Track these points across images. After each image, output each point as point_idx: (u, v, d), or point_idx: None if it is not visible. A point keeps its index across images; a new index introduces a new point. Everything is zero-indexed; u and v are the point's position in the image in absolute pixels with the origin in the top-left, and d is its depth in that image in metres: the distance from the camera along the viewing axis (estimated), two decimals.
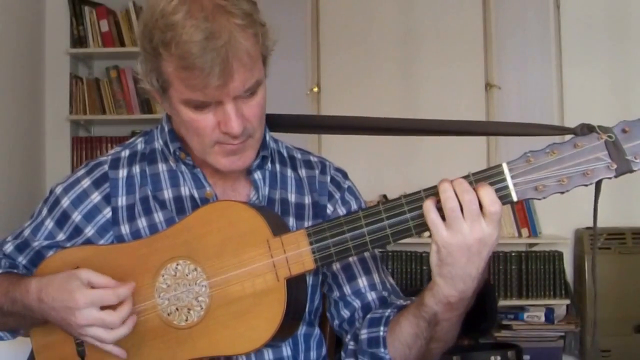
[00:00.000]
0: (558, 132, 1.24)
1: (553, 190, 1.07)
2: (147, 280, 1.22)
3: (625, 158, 1.05)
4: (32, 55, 3.96)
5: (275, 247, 1.17)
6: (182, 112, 1.22)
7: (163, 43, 1.16)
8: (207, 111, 1.20)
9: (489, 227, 1.07)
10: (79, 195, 1.35)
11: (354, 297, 1.36)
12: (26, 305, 1.22)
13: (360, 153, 3.86)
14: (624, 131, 1.06)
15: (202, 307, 1.18)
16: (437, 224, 1.08)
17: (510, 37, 4.08)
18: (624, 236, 3.82)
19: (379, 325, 1.27)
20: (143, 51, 1.23)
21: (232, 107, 1.19)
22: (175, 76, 1.18)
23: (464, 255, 1.08)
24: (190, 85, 1.16)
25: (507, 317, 3.81)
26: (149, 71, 1.23)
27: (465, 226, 1.07)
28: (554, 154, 1.07)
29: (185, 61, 1.13)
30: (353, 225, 1.14)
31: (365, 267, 1.37)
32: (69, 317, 1.16)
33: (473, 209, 1.06)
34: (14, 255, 1.37)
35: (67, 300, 1.16)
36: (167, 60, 1.17)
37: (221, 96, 1.17)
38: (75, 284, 1.16)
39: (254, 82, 1.20)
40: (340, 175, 1.46)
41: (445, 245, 1.08)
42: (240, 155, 1.26)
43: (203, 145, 1.25)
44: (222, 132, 1.21)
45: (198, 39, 1.12)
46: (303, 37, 4.11)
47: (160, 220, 1.32)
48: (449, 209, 1.07)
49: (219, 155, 1.26)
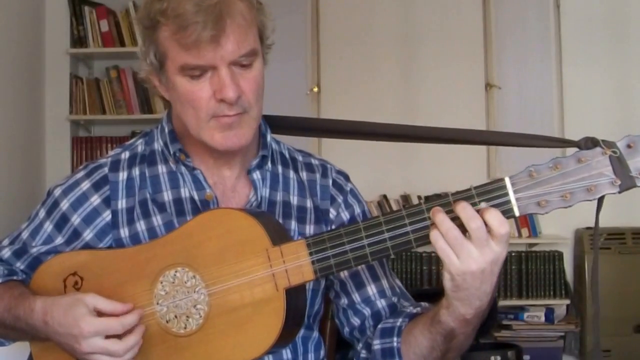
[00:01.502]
0: (562, 145, 1.22)
1: (556, 205, 1.06)
2: (146, 287, 1.21)
3: (629, 174, 1.04)
4: (32, 55, 3.95)
5: (275, 257, 1.16)
6: (178, 84, 1.23)
7: (160, 11, 1.20)
8: (202, 80, 1.22)
9: (498, 247, 1.07)
10: (79, 197, 1.34)
11: (364, 305, 1.36)
12: (30, 324, 1.22)
13: (361, 153, 3.85)
14: (628, 146, 1.04)
15: (201, 315, 1.18)
16: (448, 254, 1.07)
17: (510, 37, 4.08)
18: (624, 236, 3.83)
19: (392, 336, 1.27)
20: (143, 29, 1.26)
21: (226, 72, 1.20)
22: (171, 40, 1.20)
23: (478, 279, 1.08)
24: (185, 45, 1.18)
25: (507, 317, 3.82)
26: (147, 47, 1.25)
27: (475, 252, 1.06)
28: (557, 168, 1.05)
29: (180, 19, 1.17)
30: (353, 237, 1.13)
31: (373, 274, 1.37)
32: (73, 344, 1.16)
33: (481, 236, 1.05)
34: (11, 260, 1.36)
35: (72, 327, 1.15)
36: (164, 26, 1.21)
37: (215, 58, 1.19)
38: (81, 312, 1.16)
39: (249, 50, 1.22)
40: (342, 178, 1.45)
41: (459, 273, 1.07)
42: (235, 130, 1.26)
43: (198, 120, 1.25)
44: (217, 100, 1.22)
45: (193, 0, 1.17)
46: (303, 37, 4.11)
47: (158, 224, 1.31)
48: (451, 237, 1.06)
49: (215, 130, 1.25)
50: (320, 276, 1.17)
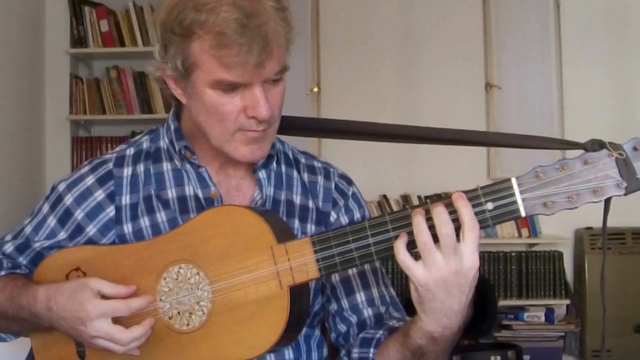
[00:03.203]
0: (569, 147, 1.22)
1: (562, 206, 1.06)
2: (149, 283, 1.21)
3: (635, 177, 1.04)
4: (32, 55, 3.96)
5: (279, 255, 1.16)
6: (207, 95, 1.21)
7: (198, 22, 1.15)
8: (234, 94, 1.20)
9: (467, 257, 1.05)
10: (83, 192, 1.34)
11: (351, 313, 1.36)
12: (33, 312, 1.21)
13: (361, 153, 3.86)
14: (635, 149, 1.05)
15: (204, 312, 1.18)
16: (409, 265, 1.07)
17: (510, 37, 4.08)
18: (624, 236, 3.83)
19: (369, 347, 1.28)
20: (168, 34, 1.21)
21: (260, 91, 1.19)
22: (208, 55, 1.17)
23: (442, 290, 1.07)
24: (226, 63, 1.15)
25: (507, 317, 3.82)
26: (174, 55, 1.21)
27: (440, 259, 1.05)
28: (564, 170, 1.05)
29: (225, 38, 1.14)
30: (358, 236, 1.13)
31: (364, 282, 1.37)
32: (79, 327, 1.16)
33: (449, 243, 1.05)
34: (14, 255, 1.36)
35: (77, 311, 1.15)
36: (200, 39, 1.17)
37: (254, 78, 1.17)
38: (86, 295, 1.16)
39: (283, 67, 1.21)
40: (344, 182, 1.45)
41: (422, 283, 1.07)
42: (260, 144, 1.26)
43: (224, 133, 1.24)
44: (248, 116, 1.21)
45: (237, 16, 1.13)
46: (303, 37, 4.11)
47: (162, 220, 1.31)
48: (421, 242, 1.06)
49: (240, 143, 1.25)
50: (325, 274, 1.16)
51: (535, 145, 1.31)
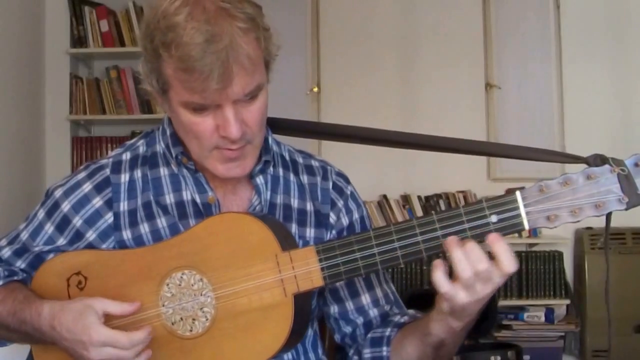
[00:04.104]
0: (570, 161, 1.23)
1: (564, 220, 1.08)
2: (152, 288, 1.21)
3: (637, 192, 1.06)
4: (32, 55, 3.95)
5: (284, 263, 1.16)
6: (181, 114, 1.21)
7: (163, 44, 1.14)
8: (206, 114, 1.19)
9: (499, 279, 1.09)
10: (80, 199, 1.33)
11: (357, 315, 1.37)
12: (36, 328, 1.21)
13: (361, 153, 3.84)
14: (636, 165, 1.07)
15: (207, 318, 1.18)
16: (453, 295, 1.10)
17: (510, 37, 4.09)
18: (624, 236, 3.83)
19: (381, 346, 1.30)
20: (144, 51, 1.21)
21: (231, 112, 1.17)
22: (174, 78, 1.16)
23: (475, 304, 1.12)
24: (189, 87, 1.15)
25: (507, 317, 3.82)
26: (150, 72, 1.21)
27: (478, 286, 1.09)
28: (567, 184, 1.07)
29: (185, 63, 1.12)
30: (363, 245, 1.14)
31: (368, 283, 1.38)
32: (81, 351, 1.16)
33: (486, 276, 1.08)
34: (11, 260, 1.35)
35: (81, 335, 1.15)
36: (167, 61, 1.16)
37: (220, 100, 1.16)
38: (90, 319, 1.16)
39: (255, 87, 1.19)
40: (342, 180, 1.45)
41: (459, 304, 1.11)
42: (239, 162, 1.25)
43: (201, 149, 1.24)
44: (220, 136, 1.20)
45: (198, 41, 1.11)
46: (303, 37, 4.11)
47: (163, 226, 1.31)
48: (465, 279, 1.08)
49: (217, 161, 1.24)
50: (330, 283, 1.17)
51: (537, 158, 1.33)
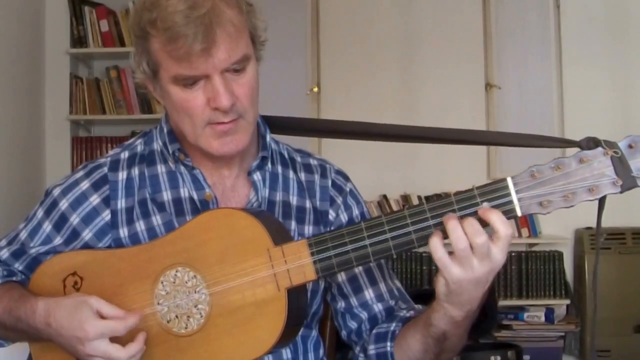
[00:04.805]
0: (563, 145, 1.22)
1: (557, 205, 1.06)
2: (146, 287, 1.21)
3: (630, 175, 1.04)
4: (32, 55, 3.95)
5: (276, 257, 1.16)
6: (172, 92, 1.23)
7: (150, 21, 1.19)
8: (196, 88, 1.21)
9: (500, 254, 1.07)
10: (78, 197, 1.34)
11: (361, 309, 1.37)
12: (31, 325, 1.21)
13: (361, 153, 3.85)
14: (630, 147, 1.05)
15: (202, 315, 1.18)
16: (446, 264, 1.08)
17: (510, 37, 4.08)
18: (624, 236, 3.83)
19: (385, 341, 1.29)
20: (134, 38, 1.25)
21: (219, 81, 1.19)
22: (162, 52, 1.20)
23: (472, 286, 1.09)
24: (176, 57, 1.18)
25: (507, 317, 3.82)
26: (140, 56, 1.25)
27: (475, 262, 1.07)
28: (559, 169, 1.06)
29: (170, 32, 1.16)
30: (355, 237, 1.14)
31: (371, 278, 1.38)
32: (77, 346, 1.16)
33: (484, 251, 1.06)
34: (10, 261, 1.35)
35: (76, 330, 1.15)
36: (154, 37, 1.20)
37: (207, 68, 1.18)
38: (85, 314, 1.15)
39: (241, 56, 1.21)
40: (341, 178, 1.45)
41: (455, 280, 1.08)
42: (232, 137, 1.25)
43: (195, 128, 1.25)
44: (212, 108, 1.22)
45: (181, 8, 1.15)
46: (303, 37, 4.11)
47: (158, 224, 1.31)
48: (460, 249, 1.06)
49: (211, 137, 1.25)
50: (322, 276, 1.17)
51: (529, 144, 1.30)
